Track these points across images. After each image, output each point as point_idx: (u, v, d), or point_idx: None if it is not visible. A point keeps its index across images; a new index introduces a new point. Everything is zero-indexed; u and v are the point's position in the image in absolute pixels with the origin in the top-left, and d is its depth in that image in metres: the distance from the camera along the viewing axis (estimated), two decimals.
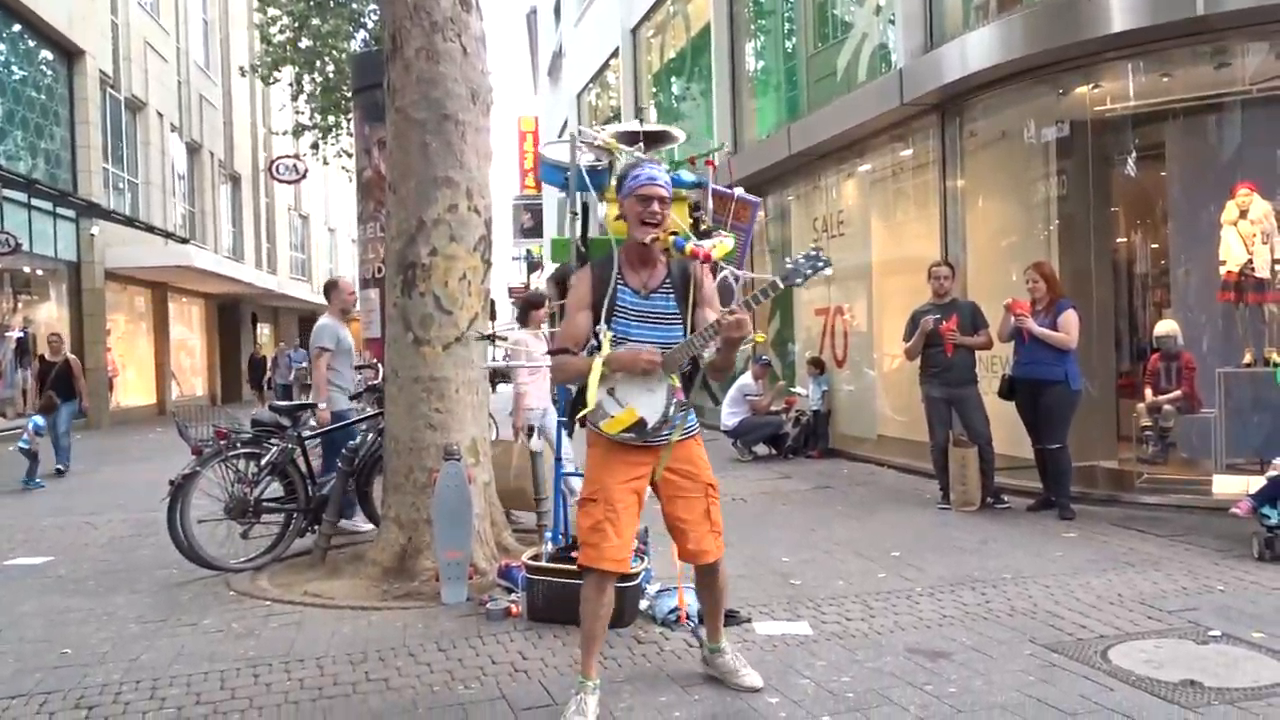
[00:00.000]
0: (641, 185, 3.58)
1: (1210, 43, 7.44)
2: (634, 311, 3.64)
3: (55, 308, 19.53)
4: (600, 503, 3.55)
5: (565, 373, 3.72)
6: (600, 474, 3.60)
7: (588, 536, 3.56)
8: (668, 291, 3.69)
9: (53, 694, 3.99)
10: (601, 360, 3.51)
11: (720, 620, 3.98)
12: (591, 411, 3.56)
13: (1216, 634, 4.38)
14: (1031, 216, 8.92)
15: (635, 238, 3.64)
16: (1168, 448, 7.97)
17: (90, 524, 8.09)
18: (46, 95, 18.80)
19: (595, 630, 3.61)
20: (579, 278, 3.71)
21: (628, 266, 3.69)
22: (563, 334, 3.70)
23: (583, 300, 3.64)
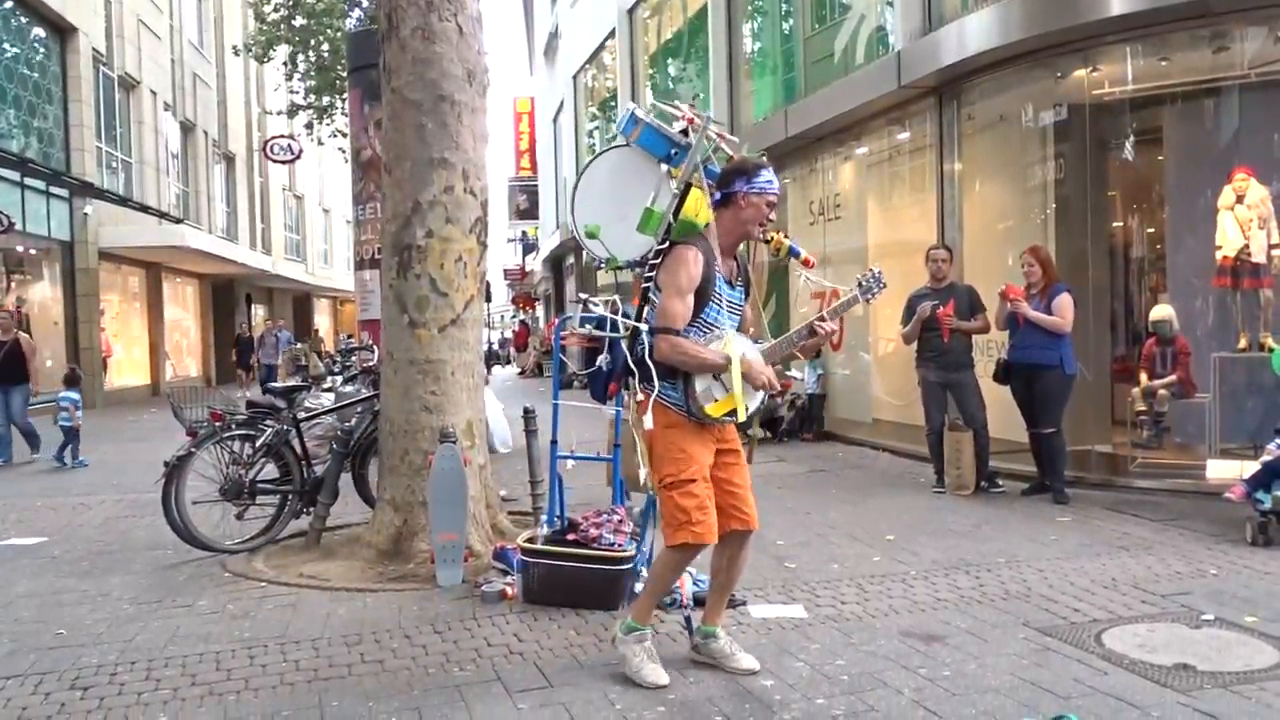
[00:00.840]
0: (773, 193, 3.74)
1: (1209, 26, 7.41)
2: (725, 300, 3.77)
3: (49, 287, 19.46)
4: (700, 481, 3.67)
5: (690, 359, 3.63)
6: (695, 453, 3.70)
7: (694, 515, 3.62)
8: (742, 285, 3.88)
9: (48, 674, 3.99)
10: (737, 361, 3.64)
11: (725, 601, 4.03)
12: (703, 393, 3.66)
13: (1209, 618, 4.40)
14: (1028, 200, 8.90)
15: (749, 232, 3.80)
16: (1162, 432, 7.99)
17: (84, 505, 8.08)
18: (39, 73, 18.67)
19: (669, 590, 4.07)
20: (690, 257, 3.67)
21: (719, 255, 3.79)
22: (675, 314, 3.65)
23: (694, 281, 3.67)
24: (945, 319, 7.47)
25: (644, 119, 4.20)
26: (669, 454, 3.70)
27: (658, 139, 4.14)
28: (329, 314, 48.70)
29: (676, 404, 3.69)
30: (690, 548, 3.69)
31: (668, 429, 3.70)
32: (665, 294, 3.69)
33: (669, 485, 3.68)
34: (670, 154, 4.10)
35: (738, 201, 3.74)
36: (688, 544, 3.66)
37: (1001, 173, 9.24)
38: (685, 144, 4.06)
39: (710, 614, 3.98)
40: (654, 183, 4.08)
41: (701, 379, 3.66)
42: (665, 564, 3.81)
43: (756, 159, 3.87)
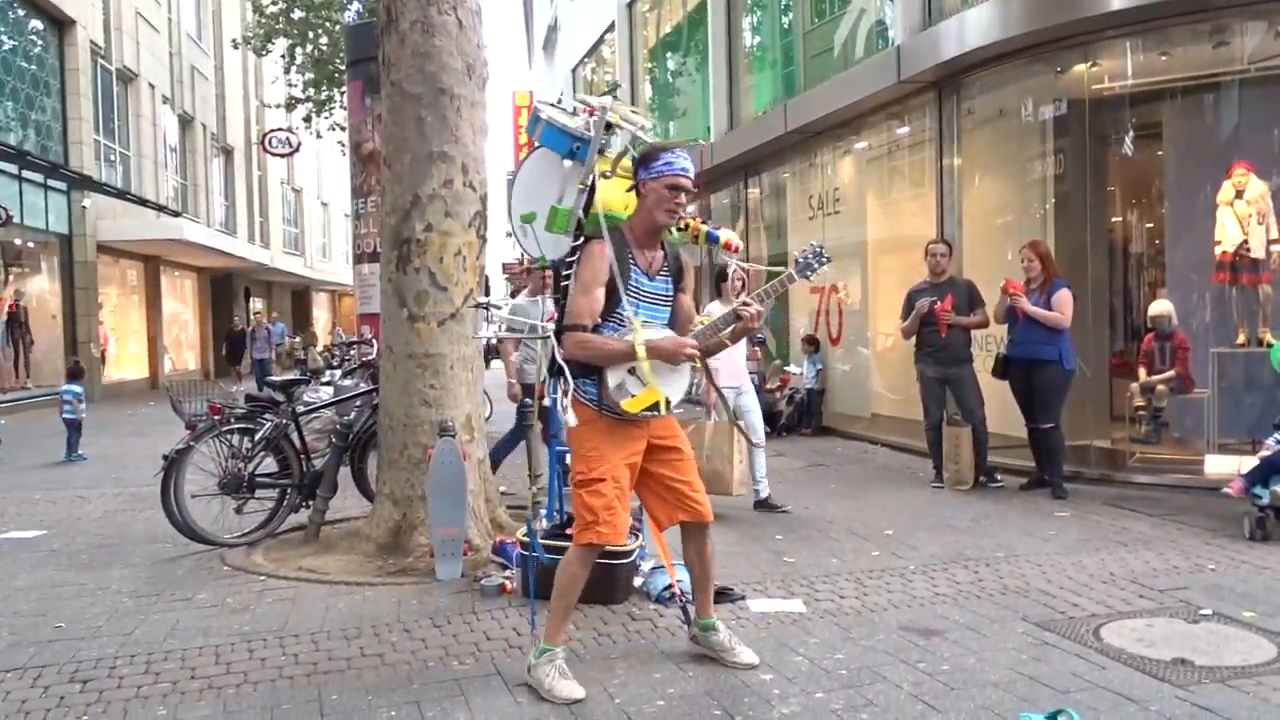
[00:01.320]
0: (674, 174, 3.59)
1: (1209, 21, 7.41)
2: (643, 292, 3.68)
3: (47, 280, 19.44)
4: (609, 481, 3.59)
5: (596, 353, 3.58)
6: (607, 452, 3.62)
7: (602, 515, 3.57)
8: (667, 275, 3.77)
9: (47, 668, 3.99)
10: (641, 347, 3.51)
11: (711, 594, 4.00)
12: (616, 389, 3.58)
13: (1208, 613, 4.41)
14: (1028, 195, 8.90)
15: (657, 221, 3.66)
16: (1160, 428, 7.99)
17: (83, 498, 8.08)
18: (37, 66, 18.63)
19: (574, 601, 3.73)
20: (595, 251, 3.64)
21: (635, 246, 3.71)
22: (581, 309, 3.61)
23: (600, 276, 3.61)
24: (943, 314, 7.47)
25: (544, 117, 4.16)
26: (581, 452, 3.66)
27: (558, 136, 4.09)
28: (327, 308, 48.67)
29: (591, 400, 3.64)
30: (585, 549, 3.64)
31: (582, 425, 3.65)
32: (572, 291, 3.67)
33: (578, 484, 3.65)
34: (573, 149, 4.06)
35: (642, 190, 3.67)
36: (592, 544, 3.62)
37: (1001, 168, 9.24)
38: (587, 137, 4.02)
39: (702, 608, 3.97)
40: (559, 180, 4.07)
41: (614, 374, 3.58)
42: (564, 567, 3.70)
43: (662, 143, 3.74)
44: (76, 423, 10.60)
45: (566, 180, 4.04)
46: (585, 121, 4.10)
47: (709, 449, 6.51)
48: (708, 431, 6.58)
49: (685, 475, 3.81)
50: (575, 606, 3.77)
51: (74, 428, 10.59)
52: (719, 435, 6.52)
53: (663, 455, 3.78)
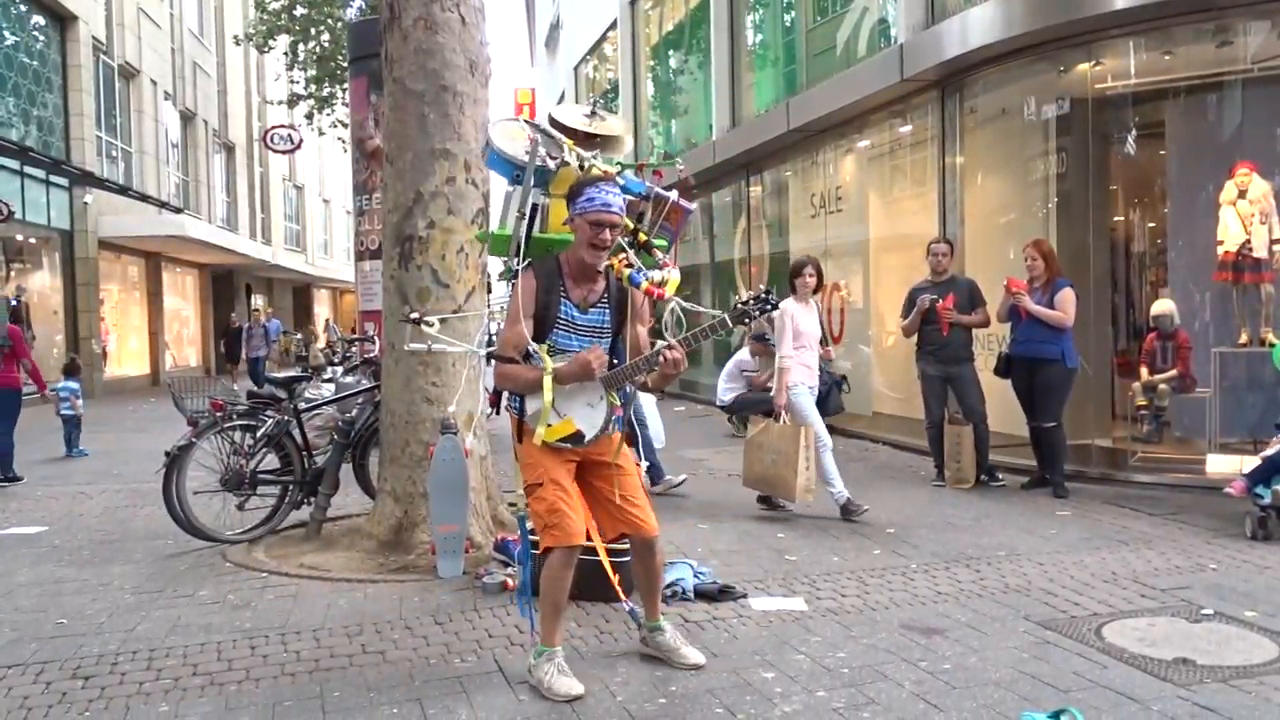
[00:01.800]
0: (595, 210, 3.57)
1: (1213, 20, 7.40)
2: (573, 324, 3.71)
3: (48, 276, 19.44)
4: (548, 484, 3.65)
5: (514, 383, 3.69)
6: (540, 459, 3.69)
7: (548, 519, 3.62)
8: (605, 306, 3.77)
9: (49, 664, 3.99)
10: (549, 376, 3.56)
11: (659, 598, 4.01)
12: (532, 416, 3.66)
13: (1209, 612, 4.41)
14: (1030, 194, 8.89)
15: (585, 259, 3.65)
16: (1162, 427, 7.99)
17: (85, 494, 8.09)
18: (39, 61, 18.62)
19: (561, 603, 3.73)
20: (522, 284, 3.69)
21: (570, 279, 3.72)
22: (505, 341, 3.69)
23: (526, 309, 3.65)
24: (945, 313, 7.47)
25: (490, 144, 4.13)
26: (523, 461, 3.76)
27: (500, 163, 4.06)
28: (329, 305, 48.67)
29: (519, 415, 3.74)
30: (558, 551, 3.64)
31: (516, 438, 3.78)
32: (505, 321, 3.75)
33: (526, 491, 3.74)
34: (515, 175, 4.03)
35: (576, 225, 3.66)
36: (551, 547, 3.64)
37: (1003, 166, 9.23)
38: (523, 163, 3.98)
39: (648, 611, 3.97)
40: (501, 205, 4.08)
41: (531, 402, 3.65)
42: (544, 574, 3.70)
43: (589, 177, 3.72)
44: (75, 419, 10.60)
45: (508, 205, 4.04)
46: (525, 147, 4.05)
47: (774, 453, 6.42)
48: (773, 434, 6.47)
49: (626, 490, 3.79)
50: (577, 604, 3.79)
51: (73, 424, 10.59)
52: (784, 439, 6.37)
53: (601, 471, 3.80)
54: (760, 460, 6.54)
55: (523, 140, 4.09)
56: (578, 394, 3.67)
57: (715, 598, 4.70)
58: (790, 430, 6.37)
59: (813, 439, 6.35)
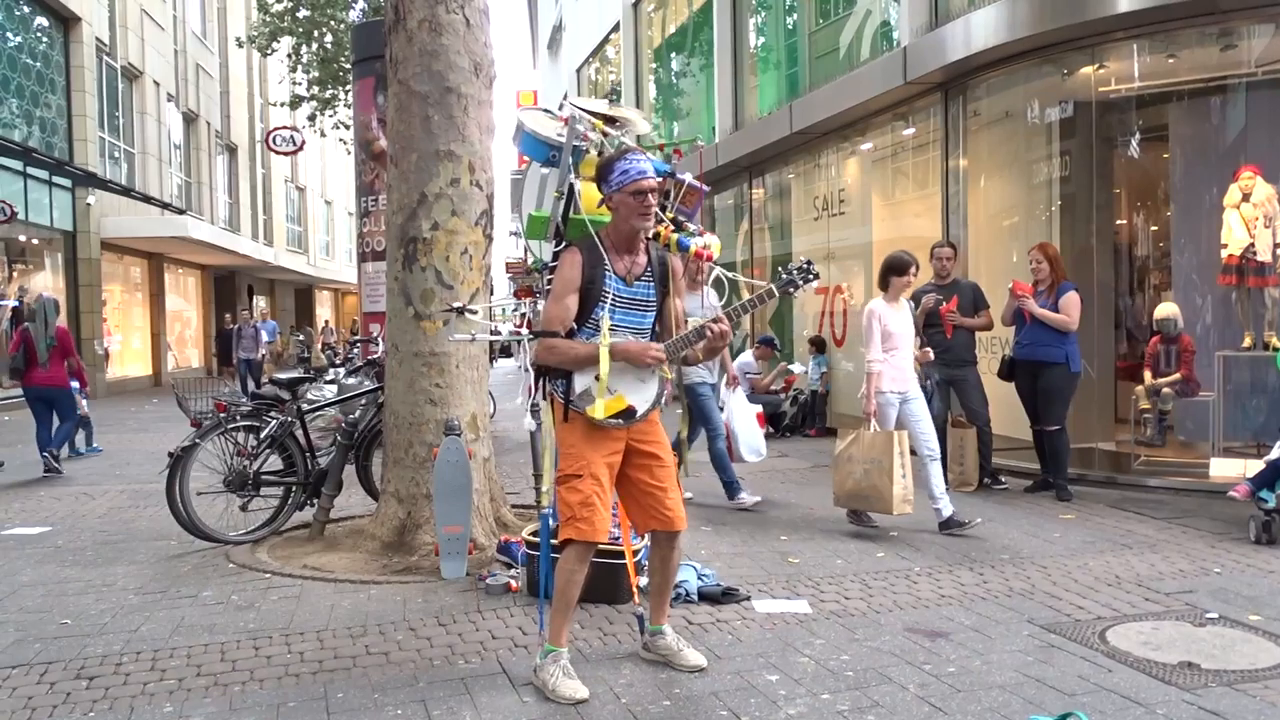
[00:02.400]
0: (634, 180, 3.57)
1: (1217, 24, 7.40)
2: (619, 298, 3.68)
3: (51, 277, 19.45)
4: (587, 478, 3.61)
5: (563, 358, 3.63)
6: (584, 450, 3.64)
7: (578, 511, 3.59)
8: (649, 280, 3.76)
9: (53, 664, 3.99)
10: (605, 356, 3.53)
11: (668, 599, 4.01)
12: (580, 395, 3.61)
13: (1214, 616, 4.40)
14: (1033, 197, 8.90)
15: (634, 227, 3.66)
16: (1165, 430, 7.99)
17: (88, 494, 8.09)
18: (42, 62, 18.65)
19: (573, 600, 3.71)
20: (566, 260, 3.68)
21: (613, 252, 3.71)
22: (551, 317, 3.66)
23: (571, 284, 3.63)
24: (948, 315, 7.47)
25: (523, 127, 4.16)
26: (561, 449, 3.71)
27: (535, 144, 4.10)
28: (330, 306, 48.70)
29: (564, 400, 3.68)
30: (575, 545, 3.63)
31: (560, 424, 3.71)
32: (548, 298, 3.71)
33: (559, 480, 3.69)
34: (550, 156, 4.06)
35: (610, 204, 3.69)
36: (572, 540, 3.62)
37: (1007, 169, 9.24)
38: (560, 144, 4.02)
39: (654, 614, 3.97)
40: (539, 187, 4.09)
41: (580, 379, 3.61)
42: (560, 567, 3.69)
43: (614, 153, 3.73)
44: (85, 418, 10.59)
45: (545, 187, 4.05)
46: (559, 128, 4.09)
47: (867, 461, 5.99)
48: (865, 442, 6.07)
49: (662, 481, 3.78)
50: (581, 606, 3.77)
51: (83, 423, 10.58)
52: (878, 447, 5.97)
53: (641, 460, 3.77)
54: (851, 474, 6.10)
55: (554, 124, 4.13)
56: (628, 369, 3.64)
57: (719, 600, 4.70)
58: (881, 438, 5.99)
59: (906, 444, 6.00)
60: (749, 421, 7.28)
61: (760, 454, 7.27)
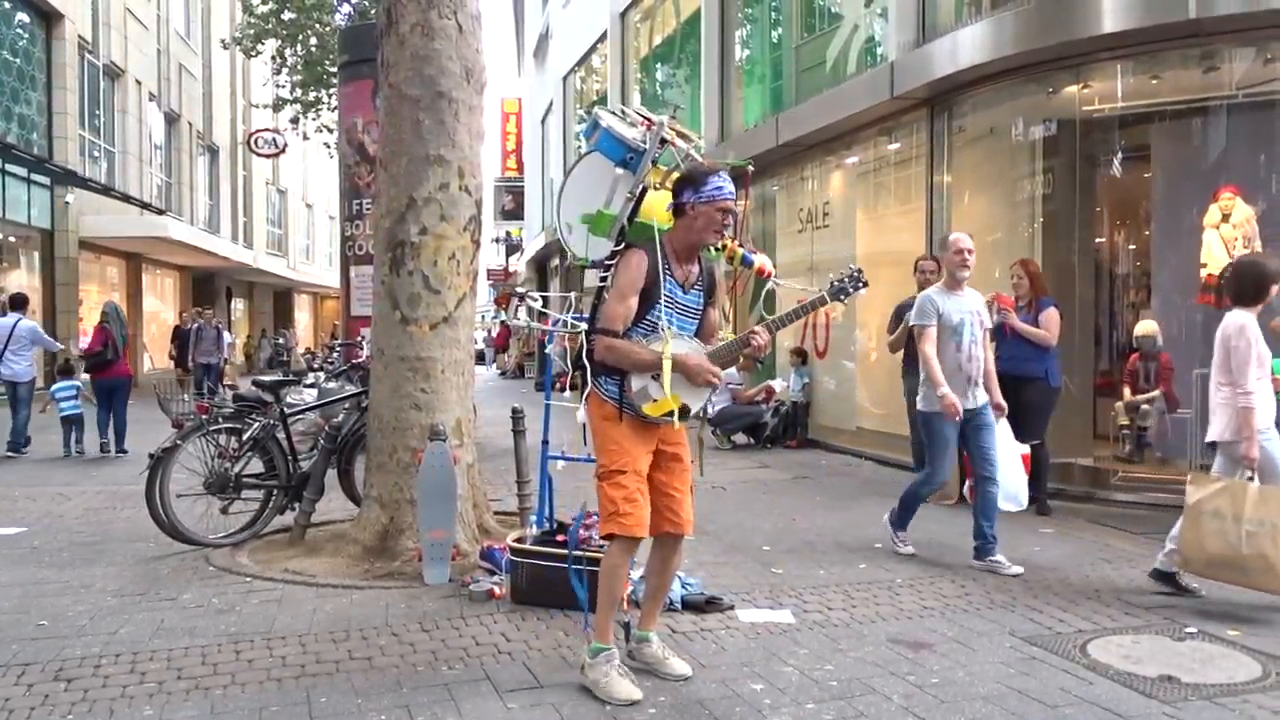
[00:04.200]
0: (724, 199, 3.69)
1: (1200, 46, 7.48)
2: (676, 303, 3.78)
3: (27, 276, 19.25)
4: (631, 473, 3.68)
5: (624, 359, 3.68)
6: (629, 446, 3.71)
7: (622, 507, 3.64)
8: (700, 289, 3.89)
9: (31, 665, 3.95)
10: (668, 359, 3.62)
11: (661, 604, 4.06)
12: (637, 392, 3.68)
13: (1193, 631, 4.45)
14: (1016, 213, 8.97)
15: (704, 239, 3.79)
16: (1144, 446, 8.06)
17: (64, 495, 8.01)
18: (23, 59, 18.49)
19: (620, 595, 3.82)
20: (633, 260, 3.73)
21: (674, 259, 3.80)
22: (614, 315, 3.71)
23: (635, 284, 3.70)
24: None
25: (603, 124, 4.23)
26: (603, 446, 3.76)
27: (614, 144, 4.18)
28: (310, 310, 48.45)
29: (613, 398, 3.73)
30: (620, 540, 3.70)
31: (603, 421, 3.76)
32: (608, 296, 3.78)
33: (601, 476, 3.74)
34: (627, 158, 4.14)
35: (687, 211, 3.75)
36: (614, 535, 3.68)
37: (991, 185, 9.30)
38: (642, 149, 4.10)
39: (645, 619, 3.99)
40: (609, 186, 4.13)
41: (638, 378, 3.69)
42: (604, 563, 3.78)
43: (708, 166, 3.84)
44: (78, 418, 10.55)
45: (616, 187, 4.10)
46: (642, 134, 4.20)
47: (1254, 523, 4.60)
48: (1248, 498, 4.65)
49: (680, 485, 3.86)
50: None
51: (77, 424, 10.54)
52: (1268, 506, 4.61)
53: (665, 461, 3.84)
54: (1223, 535, 4.69)
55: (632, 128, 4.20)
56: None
57: (703, 608, 4.70)
58: (1274, 495, 4.66)
59: None
60: (1012, 462, 6.05)
61: (1020, 504, 6.03)
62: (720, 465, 9.60)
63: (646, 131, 4.15)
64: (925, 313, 5.88)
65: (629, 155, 4.11)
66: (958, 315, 5.82)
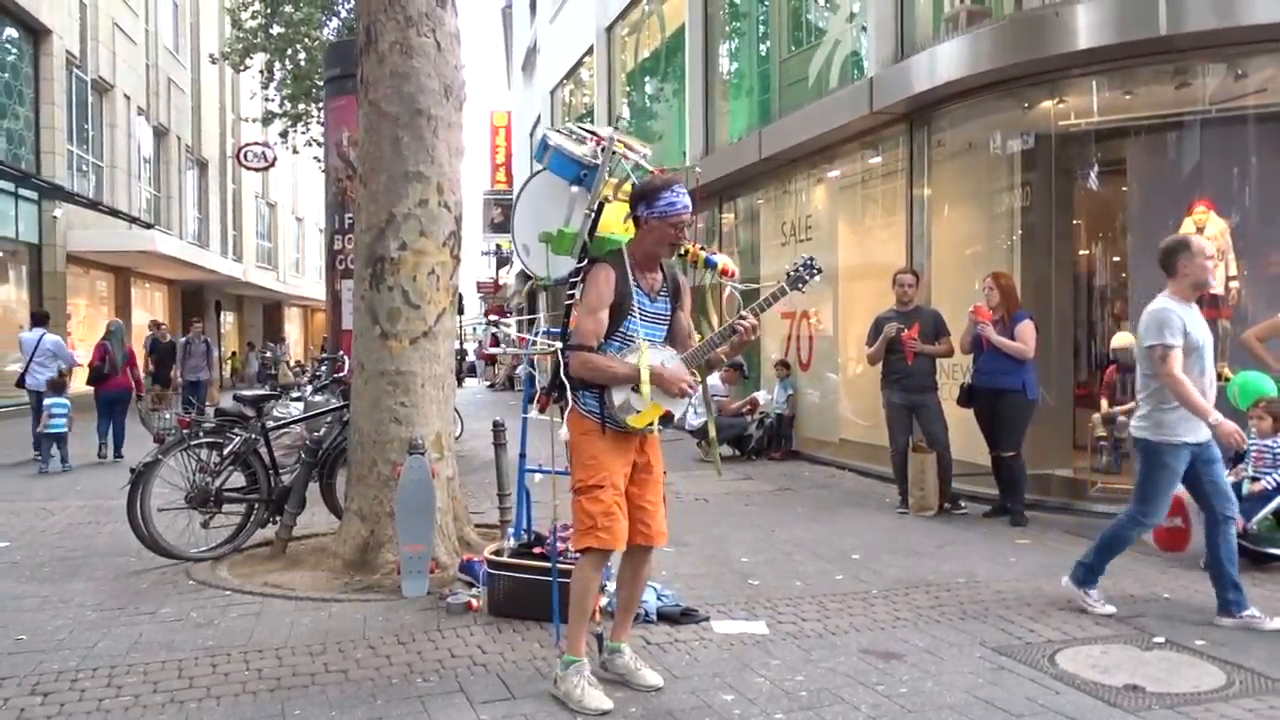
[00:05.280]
0: (678, 213, 3.76)
1: (1172, 62, 7.58)
2: (645, 312, 3.84)
3: (14, 290, 19.24)
4: (609, 488, 3.73)
5: (601, 374, 3.73)
6: (605, 460, 3.76)
7: (600, 520, 3.69)
8: (666, 295, 3.94)
9: (7, 680, 3.98)
10: (645, 372, 3.67)
11: (632, 614, 4.11)
12: (621, 406, 3.74)
13: (1161, 640, 4.50)
14: (995, 226, 9.06)
15: (660, 255, 3.88)
16: (1121, 458, 8.12)
17: (46, 510, 8.02)
18: (11, 74, 18.51)
19: (590, 608, 3.86)
20: (600, 275, 3.80)
21: (637, 269, 3.86)
22: (586, 330, 3.77)
23: (605, 298, 3.77)
24: (909, 341, 7.58)
25: (552, 144, 4.29)
26: (580, 460, 3.81)
27: (566, 163, 4.25)
28: (299, 323, 48.40)
29: (592, 413, 3.79)
30: (593, 554, 3.75)
31: (582, 436, 3.81)
32: (579, 312, 3.85)
33: (578, 490, 3.79)
34: (580, 175, 4.20)
35: (643, 224, 3.82)
36: (592, 548, 3.73)
37: (970, 198, 9.40)
38: (594, 164, 4.17)
39: (617, 630, 4.04)
40: (566, 205, 4.20)
41: (619, 391, 3.74)
42: (576, 576, 3.83)
43: (660, 180, 3.90)
44: (64, 435, 10.63)
45: (573, 205, 4.16)
46: (592, 149, 4.26)
47: None
48: None
49: (653, 497, 3.92)
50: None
51: (61, 440, 10.62)
52: None
53: (638, 474, 3.90)
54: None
55: (581, 145, 4.27)
56: None
57: (677, 620, 4.75)
58: None
59: None
60: None
61: None
62: (704, 477, 9.65)
63: (596, 147, 4.21)
64: (1173, 329, 4.85)
65: (582, 172, 4.17)
66: (1199, 334, 4.91)
